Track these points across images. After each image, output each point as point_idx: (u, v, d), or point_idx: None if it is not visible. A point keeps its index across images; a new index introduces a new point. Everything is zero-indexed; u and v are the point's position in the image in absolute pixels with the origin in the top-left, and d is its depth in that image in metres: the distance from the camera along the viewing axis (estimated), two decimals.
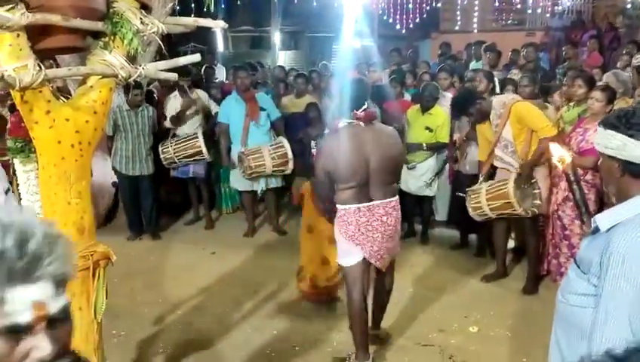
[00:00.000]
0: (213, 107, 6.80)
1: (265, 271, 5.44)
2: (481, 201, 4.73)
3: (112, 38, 2.11)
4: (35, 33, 1.93)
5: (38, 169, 2.25)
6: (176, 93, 6.62)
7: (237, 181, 6.49)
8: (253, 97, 6.30)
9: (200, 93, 6.78)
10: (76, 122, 2.08)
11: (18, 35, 1.85)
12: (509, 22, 14.67)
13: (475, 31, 13.30)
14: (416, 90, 6.99)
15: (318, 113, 6.39)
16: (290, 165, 6.16)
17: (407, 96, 7.04)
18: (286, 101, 7.22)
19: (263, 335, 4.23)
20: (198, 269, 5.54)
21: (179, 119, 6.48)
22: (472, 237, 5.93)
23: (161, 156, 6.36)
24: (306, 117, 6.62)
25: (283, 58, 14.09)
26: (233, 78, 6.71)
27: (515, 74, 6.38)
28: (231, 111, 6.31)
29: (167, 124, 6.52)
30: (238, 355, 3.96)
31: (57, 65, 2.26)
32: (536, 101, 5.31)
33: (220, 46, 14.84)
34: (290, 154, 6.10)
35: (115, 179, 6.47)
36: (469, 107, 4.90)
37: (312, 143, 6.44)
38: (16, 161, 2.54)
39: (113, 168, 6.29)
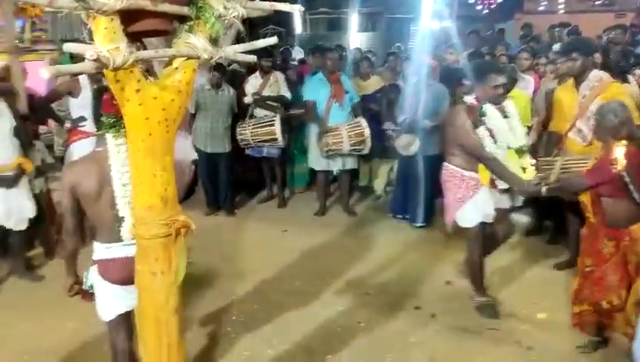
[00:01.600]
0: (285, 91, 6.83)
1: (334, 250, 5.57)
2: (553, 173, 4.57)
3: (197, 22, 2.24)
4: (127, 17, 2.08)
5: (127, 143, 2.44)
6: (257, 73, 6.84)
7: (314, 160, 6.63)
8: (338, 79, 6.42)
9: (278, 76, 6.93)
10: (163, 100, 2.24)
11: (112, 19, 2.00)
12: (598, 2, 13.97)
13: (562, 12, 12.78)
14: None
15: (397, 95, 6.39)
16: (368, 143, 6.24)
17: None
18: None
19: (331, 311, 4.37)
20: (271, 245, 5.74)
21: (259, 103, 6.67)
22: (547, 223, 5.81)
23: (238, 137, 6.57)
24: (385, 97, 6.67)
25: (360, 40, 14.05)
26: (321, 59, 6.78)
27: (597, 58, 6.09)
28: (315, 91, 6.43)
29: (247, 99, 6.71)
30: (306, 328, 4.11)
31: (145, 48, 2.42)
32: None
33: (298, 28, 15.00)
34: (367, 133, 6.17)
35: (195, 156, 6.76)
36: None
37: (387, 125, 6.46)
38: (109, 136, 2.75)
39: (193, 145, 6.58)
